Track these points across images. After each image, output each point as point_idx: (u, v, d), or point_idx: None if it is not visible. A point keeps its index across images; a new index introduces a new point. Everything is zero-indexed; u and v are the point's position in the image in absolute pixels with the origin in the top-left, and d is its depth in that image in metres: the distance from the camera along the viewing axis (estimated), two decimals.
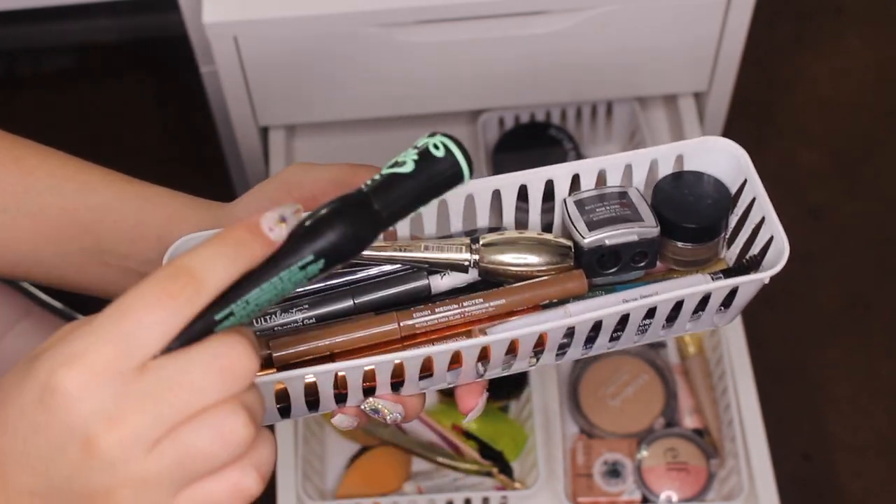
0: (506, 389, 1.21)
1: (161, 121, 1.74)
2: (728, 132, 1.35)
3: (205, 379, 0.48)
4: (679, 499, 1.15)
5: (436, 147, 0.56)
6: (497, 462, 1.17)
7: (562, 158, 1.24)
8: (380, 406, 0.63)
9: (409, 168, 0.56)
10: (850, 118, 1.72)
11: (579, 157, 1.25)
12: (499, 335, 0.61)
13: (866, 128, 1.72)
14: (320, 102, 1.23)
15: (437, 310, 0.63)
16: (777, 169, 1.68)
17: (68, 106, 1.76)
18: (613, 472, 1.17)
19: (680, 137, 1.27)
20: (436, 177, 0.56)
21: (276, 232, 0.50)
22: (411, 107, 1.25)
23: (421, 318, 0.63)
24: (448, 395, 1.20)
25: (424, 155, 0.56)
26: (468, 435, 1.18)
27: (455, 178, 0.56)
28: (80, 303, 0.95)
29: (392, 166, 0.56)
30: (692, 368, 1.22)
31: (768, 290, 1.75)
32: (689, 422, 1.20)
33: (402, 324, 0.63)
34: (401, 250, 0.64)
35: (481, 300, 0.63)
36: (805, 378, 1.56)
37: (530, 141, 1.27)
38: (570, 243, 0.65)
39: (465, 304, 0.63)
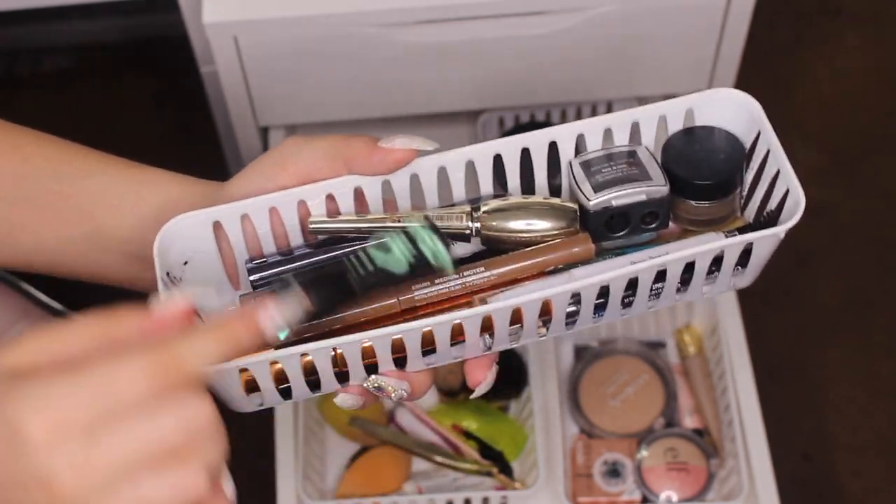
0: (506, 389, 1.21)
1: (161, 121, 1.74)
2: None
3: (171, 432, 0.49)
4: (679, 499, 1.15)
5: (432, 254, 0.58)
6: (497, 462, 1.17)
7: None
8: (382, 383, 0.61)
9: (402, 268, 0.58)
10: (849, 118, 1.72)
11: None
12: (498, 304, 0.58)
13: (866, 127, 1.72)
14: (320, 102, 1.23)
15: (436, 281, 0.61)
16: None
17: (68, 106, 1.76)
18: (613, 472, 1.17)
19: None
20: (420, 269, 0.58)
21: (274, 334, 0.53)
22: (411, 107, 1.25)
23: (420, 291, 0.61)
24: (448, 394, 1.20)
25: (419, 258, 0.58)
26: (468, 435, 1.18)
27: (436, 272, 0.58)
28: (79, 303, 0.95)
29: (384, 253, 0.57)
30: (692, 368, 1.22)
31: (768, 289, 1.75)
32: (689, 422, 1.20)
33: (401, 298, 0.61)
34: (400, 221, 0.62)
35: (482, 269, 0.61)
36: (805, 378, 1.56)
37: None
38: (575, 206, 0.63)
39: (465, 273, 0.61)
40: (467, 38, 1.16)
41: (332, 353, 0.59)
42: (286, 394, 0.61)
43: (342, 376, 0.61)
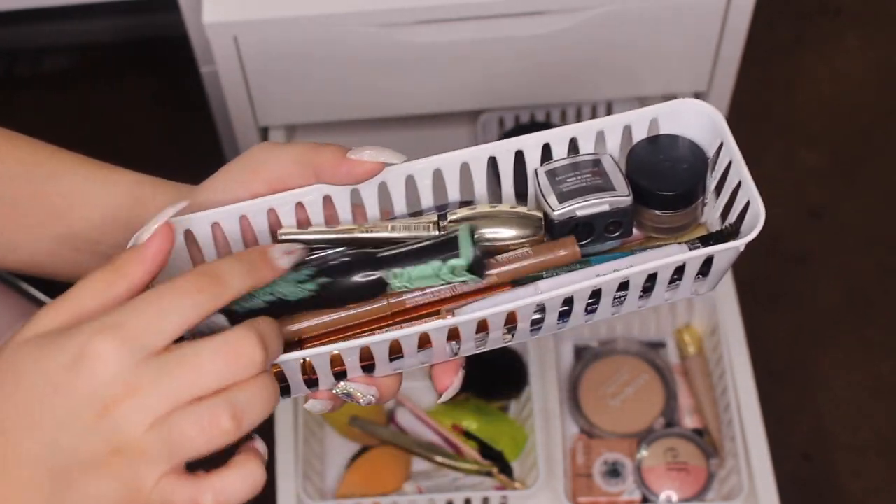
0: (506, 389, 1.21)
1: (161, 121, 1.74)
2: None
3: (212, 364, 0.53)
4: (679, 499, 1.15)
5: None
6: (497, 462, 1.17)
7: None
8: (351, 390, 0.62)
9: (464, 261, 0.60)
10: (850, 118, 1.72)
11: None
12: (464, 317, 0.60)
13: (866, 128, 1.72)
14: (320, 102, 1.23)
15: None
16: (777, 169, 1.68)
17: (68, 106, 1.76)
18: (613, 472, 1.17)
19: None
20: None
21: (284, 261, 0.59)
22: (411, 107, 1.25)
23: (410, 294, 0.61)
24: None
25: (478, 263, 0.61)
26: (468, 435, 1.18)
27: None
28: None
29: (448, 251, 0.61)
30: (692, 368, 1.22)
31: (768, 289, 1.75)
32: (689, 422, 1.20)
33: (390, 300, 0.61)
34: (368, 232, 0.63)
35: None
36: (805, 378, 1.56)
37: None
38: (540, 215, 0.64)
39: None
40: (467, 38, 1.16)
41: (302, 361, 0.60)
42: None
43: (312, 382, 0.62)
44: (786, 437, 1.47)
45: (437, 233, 0.64)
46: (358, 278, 0.60)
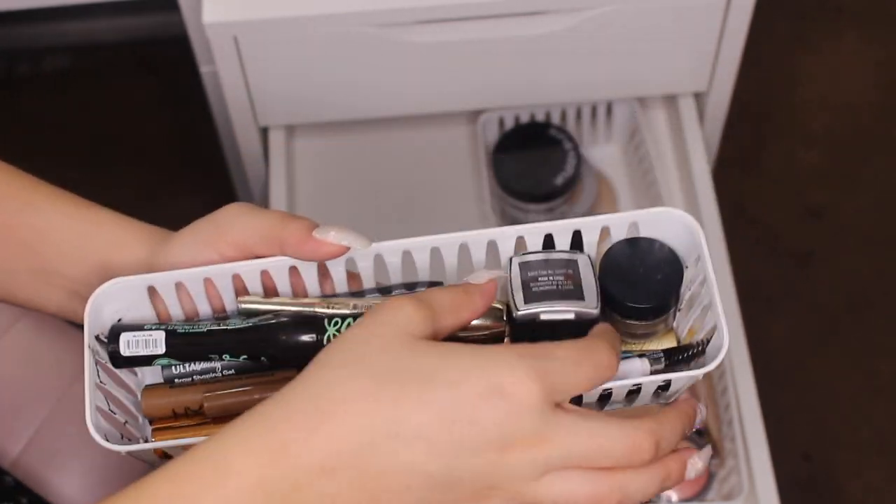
0: None
1: (161, 121, 1.74)
2: (728, 132, 1.36)
3: (613, 445, 0.55)
4: (679, 499, 1.15)
5: None
6: None
7: (562, 158, 1.24)
8: None
9: None
10: (850, 118, 1.72)
11: (579, 157, 1.24)
12: None
13: (866, 128, 1.72)
14: (320, 102, 1.23)
15: None
16: (777, 169, 1.68)
17: (68, 106, 1.76)
18: None
19: (680, 138, 1.27)
20: None
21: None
22: (411, 107, 1.25)
23: None
24: None
25: None
26: None
27: None
28: None
29: None
30: None
31: (768, 289, 1.75)
32: None
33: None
34: (329, 307, 0.63)
35: None
36: (805, 378, 1.56)
37: (530, 141, 1.27)
38: (502, 307, 0.63)
39: None
40: (467, 38, 1.16)
41: None
42: None
43: None
44: (786, 437, 1.47)
45: None
46: (296, 330, 0.61)
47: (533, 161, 1.25)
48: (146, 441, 0.65)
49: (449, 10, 1.13)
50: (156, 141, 1.73)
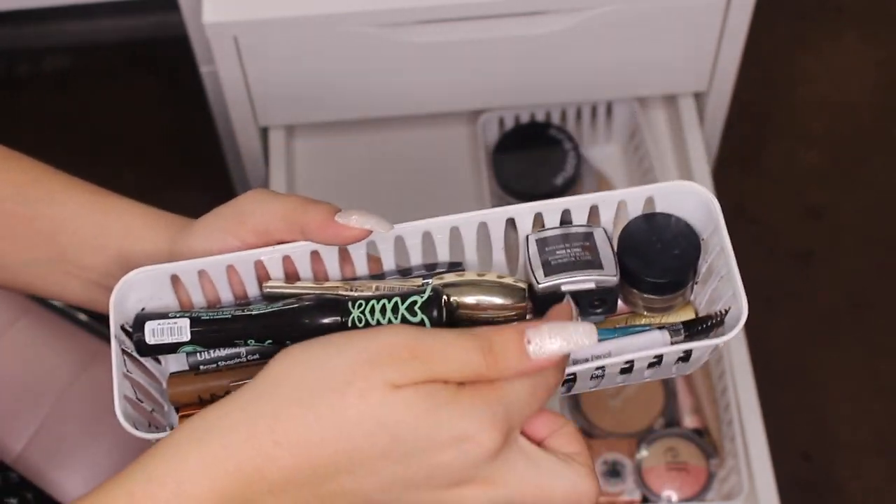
0: None
1: (161, 121, 1.74)
2: (728, 132, 1.36)
3: (562, 495, 0.57)
4: (679, 499, 1.15)
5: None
6: None
7: (562, 158, 1.25)
8: None
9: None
10: (850, 118, 1.72)
11: (579, 157, 1.25)
12: None
13: (866, 128, 1.72)
14: (320, 102, 1.23)
15: None
16: (777, 169, 1.68)
17: (68, 106, 1.76)
18: (613, 471, 1.17)
19: (680, 138, 1.27)
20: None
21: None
22: (411, 107, 1.25)
23: None
24: None
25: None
26: None
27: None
28: None
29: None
30: None
31: (768, 289, 1.74)
32: (689, 421, 1.20)
33: None
34: (352, 290, 0.64)
35: None
36: (805, 378, 1.56)
37: (530, 141, 1.27)
38: (523, 286, 0.64)
39: None
40: (467, 38, 1.16)
41: None
42: None
43: None
44: (786, 437, 1.47)
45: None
46: (322, 313, 0.61)
47: (533, 161, 1.25)
48: (173, 429, 0.64)
49: (449, 10, 1.13)
50: (156, 141, 1.73)
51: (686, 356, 0.63)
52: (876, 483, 1.49)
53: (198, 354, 0.65)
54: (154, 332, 0.63)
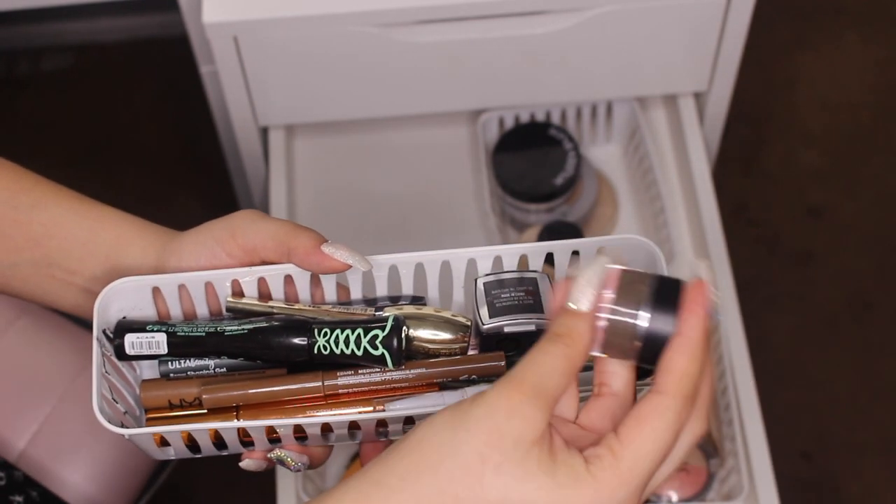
0: None
1: (161, 121, 1.74)
2: (728, 132, 1.36)
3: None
4: (679, 499, 1.15)
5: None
6: None
7: (562, 158, 1.24)
8: (283, 455, 0.68)
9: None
10: (850, 118, 1.73)
11: (579, 157, 1.25)
12: (392, 412, 0.66)
13: (866, 128, 1.72)
14: (320, 102, 1.23)
15: (360, 371, 0.67)
16: (777, 169, 1.68)
17: (68, 106, 1.76)
18: None
19: (680, 138, 1.27)
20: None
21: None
22: (411, 107, 1.25)
23: (344, 379, 0.67)
24: None
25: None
26: None
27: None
28: None
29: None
30: None
31: (768, 289, 1.74)
32: None
33: (325, 382, 0.67)
34: (318, 314, 0.69)
35: (403, 367, 0.67)
36: (805, 378, 1.56)
37: (530, 141, 1.27)
38: (466, 321, 0.68)
39: (387, 369, 0.67)
40: (467, 38, 1.16)
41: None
42: (195, 450, 0.68)
43: (248, 443, 0.68)
44: (786, 437, 1.47)
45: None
46: (288, 335, 0.66)
47: (533, 161, 1.25)
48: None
49: (449, 10, 1.13)
50: (156, 141, 1.73)
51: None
52: (876, 483, 1.50)
53: (169, 363, 0.70)
54: (133, 345, 0.68)
